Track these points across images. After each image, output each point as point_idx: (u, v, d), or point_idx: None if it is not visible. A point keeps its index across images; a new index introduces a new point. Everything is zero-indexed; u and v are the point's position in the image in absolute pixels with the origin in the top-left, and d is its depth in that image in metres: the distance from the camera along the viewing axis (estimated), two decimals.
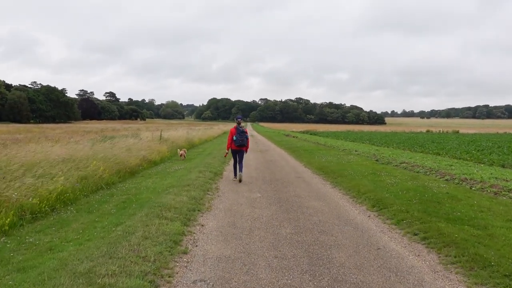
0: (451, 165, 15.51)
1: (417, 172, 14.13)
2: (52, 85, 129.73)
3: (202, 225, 7.10)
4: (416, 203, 8.66)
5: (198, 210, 8.11)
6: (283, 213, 8.36)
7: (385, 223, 7.66)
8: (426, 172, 13.88)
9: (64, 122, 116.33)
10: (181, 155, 19.45)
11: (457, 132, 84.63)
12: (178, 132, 33.77)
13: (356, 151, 23.85)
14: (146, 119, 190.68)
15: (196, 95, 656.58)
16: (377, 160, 17.96)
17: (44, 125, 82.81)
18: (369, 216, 8.24)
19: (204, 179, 12.02)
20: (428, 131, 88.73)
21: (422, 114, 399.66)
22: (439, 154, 22.67)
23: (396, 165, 16.22)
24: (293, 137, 49.39)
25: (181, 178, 12.03)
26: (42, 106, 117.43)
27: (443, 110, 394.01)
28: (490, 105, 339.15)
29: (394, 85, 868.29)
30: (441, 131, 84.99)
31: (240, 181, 12.50)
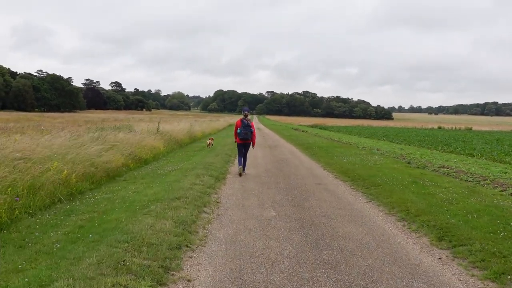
0: (505, 172, 12.73)
1: (467, 180, 11.39)
2: (62, 74, 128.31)
3: (188, 281, 4.41)
4: (506, 238, 5.94)
5: (187, 246, 5.41)
6: (313, 250, 5.67)
7: (473, 276, 4.94)
8: (480, 181, 11.14)
9: (69, 111, 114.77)
10: (208, 145, 20.51)
11: (470, 129, 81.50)
12: (180, 124, 31.09)
13: (378, 149, 21.08)
14: (152, 109, 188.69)
15: (203, 87, 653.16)
16: (409, 163, 15.20)
17: (47, 114, 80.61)
18: (440, 259, 5.53)
19: (202, 187, 9.33)
20: (439, 127, 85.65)
21: (429, 110, 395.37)
22: (473, 155, 19.87)
23: (434, 170, 13.47)
24: (302, 131, 46.62)
25: (171, 185, 9.35)
26: (47, 94, 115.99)
27: (451, 106, 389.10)
28: (499, 102, 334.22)
29: (402, 81, 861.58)
30: (453, 128, 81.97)
31: (240, 175, 12.18)
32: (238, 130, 12.21)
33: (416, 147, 24.42)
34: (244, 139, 12.25)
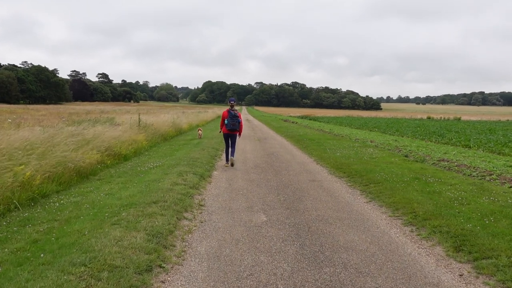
0: (510, 166, 11.95)
1: (471, 175, 10.58)
2: (50, 66, 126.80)
3: None
4: None
5: (160, 267, 4.46)
6: (311, 266, 4.77)
7: None
8: (485, 176, 10.33)
9: (55, 103, 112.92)
10: (199, 136, 21.13)
11: (459, 119, 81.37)
12: (165, 116, 29.97)
13: (371, 141, 20.27)
14: (140, 101, 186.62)
15: (193, 78, 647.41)
16: (406, 156, 14.38)
17: (31, 106, 78.54)
18: (461, 275, 4.67)
19: (184, 187, 8.37)
20: (429, 117, 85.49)
21: (417, 100, 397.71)
22: (470, 147, 19.14)
23: (434, 164, 12.67)
24: (292, 122, 45.76)
25: (150, 185, 8.39)
26: (32, 86, 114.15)
27: (438, 96, 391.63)
28: (485, 92, 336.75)
29: (392, 71, 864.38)
30: (442, 118, 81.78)
31: (232, 165, 12.21)
32: (226, 121, 12.08)
33: (410, 139, 23.67)
34: (232, 130, 12.16)
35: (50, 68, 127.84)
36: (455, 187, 8.74)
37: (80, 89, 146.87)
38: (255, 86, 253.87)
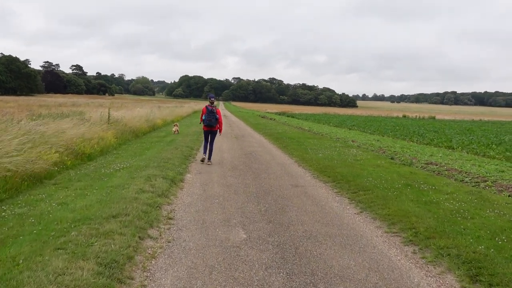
0: (502, 171, 11.32)
1: (463, 181, 9.88)
2: (23, 57, 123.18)
3: None
4: None
5: None
6: None
7: None
8: (479, 183, 9.63)
9: (26, 94, 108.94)
10: (174, 131, 20.76)
11: (434, 118, 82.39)
12: (139, 111, 28.62)
13: (353, 141, 19.53)
14: (115, 94, 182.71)
15: (170, 72, 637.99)
16: (392, 159, 13.63)
17: (0, 98, 75.39)
18: None
19: (151, 195, 7.32)
20: (404, 116, 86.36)
21: (392, 99, 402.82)
22: (453, 148, 18.63)
23: (423, 168, 11.95)
24: (270, 119, 44.91)
25: (112, 193, 7.30)
26: (2, 77, 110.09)
27: (412, 95, 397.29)
28: (457, 92, 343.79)
29: (369, 69, 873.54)
30: (417, 117, 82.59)
31: (202, 161, 12.19)
32: (203, 117, 12.10)
33: (391, 138, 23.09)
34: (209, 126, 12.12)
35: (24, 59, 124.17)
36: (453, 197, 7.96)
37: (53, 81, 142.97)
38: (232, 81, 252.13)
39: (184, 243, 5.37)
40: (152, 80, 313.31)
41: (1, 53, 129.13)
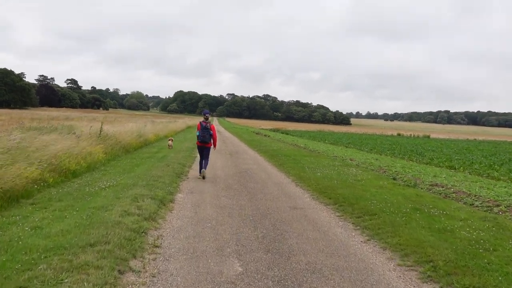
0: None
1: (473, 205, 9.23)
2: (19, 70, 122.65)
3: None
4: None
5: None
6: None
7: None
8: (491, 207, 8.98)
9: (20, 108, 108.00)
10: (169, 146, 20.80)
11: (428, 136, 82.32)
12: (131, 126, 27.92)
13: (351, 159, 18.92)
14: (109, 109, 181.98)
15: (165, 88, 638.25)
16: (394, 179, 13.00)
17: None
18: None
19: (137, 218, 6.60)
20: (399, 134, 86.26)
21: (385, 117, 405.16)
22: (455, 168, 18.07)
23: (428, 189, 11.32)
24: (265, 135, 44.33)
25: (94, 215, 6.58)
26: None
27: (405, 113, 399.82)
28: (450, 111, 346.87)
29: (363, 87, 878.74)
30: (412, 135, 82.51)
31: (203, 177, 11.92)
32: (197, 133, 12.16)
33: (389, 157, 22.52)
34: (203, 142, 12.17)
35: (20, 72, 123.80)
36: (467, 224, 7.30)
37: (48, 95, 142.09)
38: (227, 97, 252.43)
39: (171, 278, 4.66)
40: (146, 95, 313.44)
41: None
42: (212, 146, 12.52)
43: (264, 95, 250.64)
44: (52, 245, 5.04)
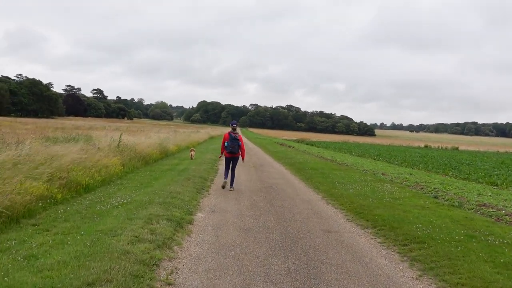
0: None
1: None
2: (49, 81, 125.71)
3: None
4: None
5: None
6: None
7: None
8: None
9: (47, 117, 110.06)
10: (191, 156, 20.60)
11: (457, 148, 79.68)
12: (154, 135, 27.32)
13: (383, 174, 17.71)
14: (134, 118, 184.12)
15: (189, 97, 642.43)
16: (436, 198, 11.79)
17: (20, 119, 75.50)
18: None
19: (149, 245, 5.69)
20: (426, 146, 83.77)
21: (411, 128, 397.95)
22: (497, 185, 16.67)
23: (475, 210, 10.10)
24: (289, 147, 43.29)
25: (99, 241, 5.69)
26: (24, 99, 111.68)
27: (431, 124, 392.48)
28: (478, 122, 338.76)
29: (387, 97, 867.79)
30: (440, 147, 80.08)
31: (223, 187, 12.05)
32: (226, 144, 11.95)
33: (423, 171, 21.17)
34: (232, 153, 11.99)
35: (49, 82, 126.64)
36: None
37: (74, 104, 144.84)
38: (250, 107, 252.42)
39: None
40: (170, 105, 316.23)
41: (25, 77, 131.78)
42: (240, 158, 12.33)
43: (287, 105, 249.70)
44: (41, 284, 4.15)
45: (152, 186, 11.22)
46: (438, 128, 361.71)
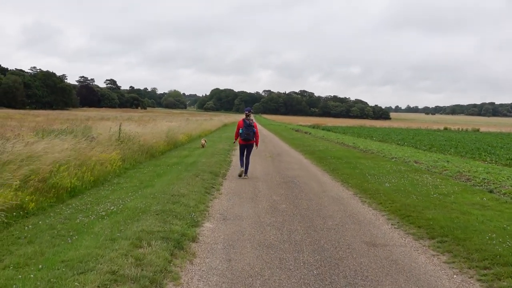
0: None
1: None
2: (65, 73, 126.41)
3: None
4: None
5: None
6: None
7: None
8: None
9: (61, 108, 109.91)
10: (202, 145, 19.97)
11: (478, 130, 76.70)
12: (165, 124, 25.64)
13: (416, 162, 15.74)
14: (147, 108, 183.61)
15: (202, 85, 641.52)
16: (491, 192, 9.85)
17: (32, 112, 75.03)
18: None
19: (131, 286, 3.95)
20: (445, 128, 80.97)
21: (426, 110, 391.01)
22: None
23: None
24: (305, 133, 41.38)
25: (56, 283, 3.97)
26: (38, 91, 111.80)
27: (448, 106, 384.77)
28: (496, 103, 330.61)
29: (403, 81, 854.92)
30: (460, 129, 77.25)
31: (240, 176, 11.63)
32: (240, 131, 11.74)
33: (458, 157, 19.10)
34: (246, 140, 11.76)
35: (64, 75, 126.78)
36: None
37: (88, 95, 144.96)
38: (263, 94, 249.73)
39: None
40: (184, 94, 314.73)
41: (39, 69, 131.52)
42: (255, 145, 12.06)
43: (300, 90, 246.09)
44: None
45: (152, 186, 9.48)
46: (455, 110, 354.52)
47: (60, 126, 20.77)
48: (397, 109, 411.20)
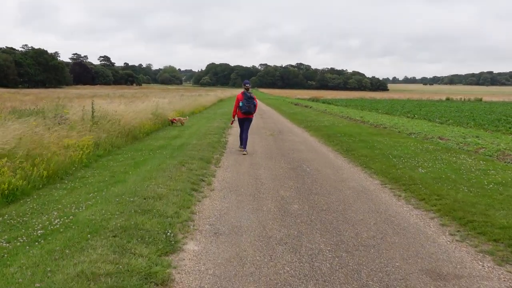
0: None
1: None
2: (62, 50, 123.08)
3: None
4: None
5: None
6: None
7: None
8: None
9: (54, 87, 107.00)
10: (182, 123, 18.86)
11: (480, 100, 74.49)
12: (150, 102, 23.31)
13: (440, 138, 13.62)
14: (142, 84, 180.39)
15: (198, 61, 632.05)
16: None
17: (24, 90, 72.38)
18: None
19: None
20: (448, 98, 78.61)
21: (424, 81, 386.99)
22: None
23: None
24: (305, 106, 39.12)
25: None
26: (31, 69, 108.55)
27: (446, 76, 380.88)
28: (494, 72, 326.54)
29: (402, 52, 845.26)
30: (462, 99, 74.98)
31: (244, 153, 11.02)
32: (241, 104, 11.17)
33: (483, 131, 16.96)
34: (247, 113, 11.25)
35: (61, 52, 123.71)
36: None
37: (82, 73, 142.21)
38: (259, 68, 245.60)
39: None
40: (179, 69, 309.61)
41: (31, 47, 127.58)
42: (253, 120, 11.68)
43: (297, 63, 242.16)
44: None
45: (125, 180, 7.32)
46: (453, 80, 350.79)
47: (41, 106, 18.53)
48: (395, 80, 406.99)
